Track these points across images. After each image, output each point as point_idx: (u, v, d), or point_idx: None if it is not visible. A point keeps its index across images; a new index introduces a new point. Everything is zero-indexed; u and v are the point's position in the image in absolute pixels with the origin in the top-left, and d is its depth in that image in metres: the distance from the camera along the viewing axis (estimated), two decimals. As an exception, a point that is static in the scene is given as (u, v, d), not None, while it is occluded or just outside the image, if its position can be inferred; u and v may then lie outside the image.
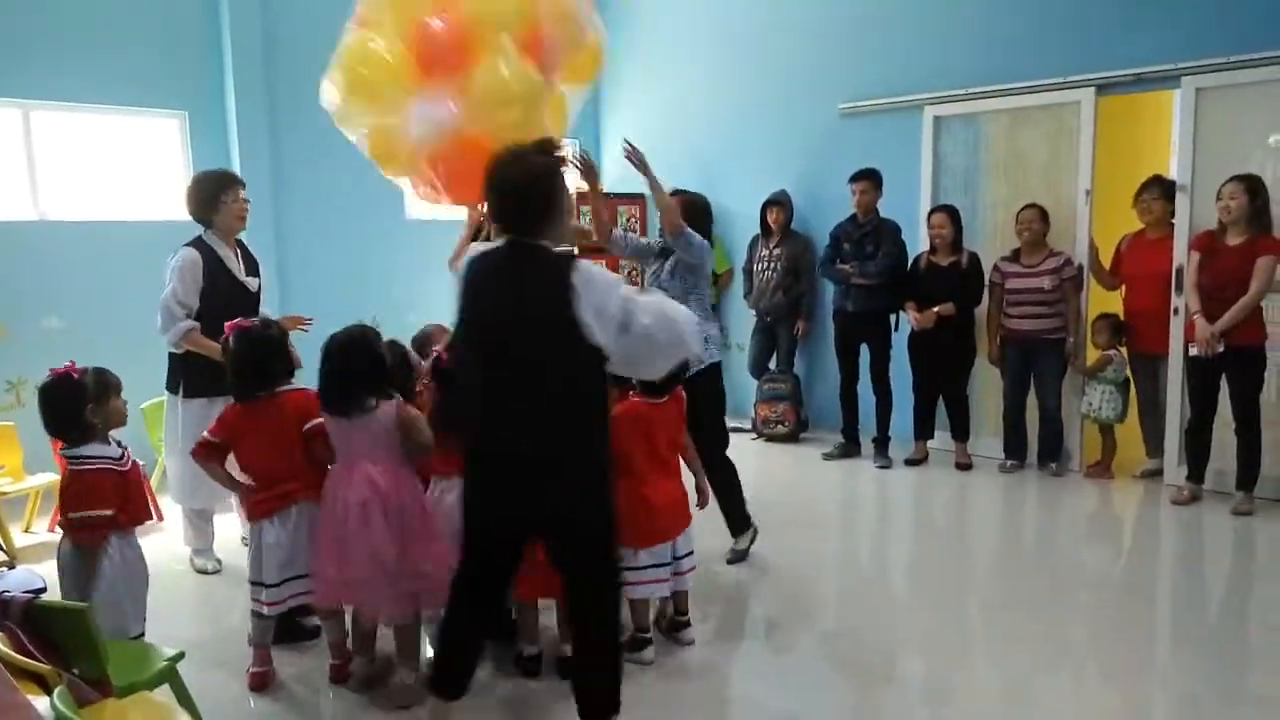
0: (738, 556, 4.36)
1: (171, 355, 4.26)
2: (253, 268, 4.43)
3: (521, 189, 2.57)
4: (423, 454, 3.17)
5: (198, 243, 4.22)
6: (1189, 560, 4.67)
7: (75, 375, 2.93)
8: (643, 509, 3.24)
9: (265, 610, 3.20)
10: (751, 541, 4.42)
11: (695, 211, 4.33)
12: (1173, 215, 5.38)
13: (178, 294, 4.08)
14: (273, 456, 3.19)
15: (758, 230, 6.97)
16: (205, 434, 3.25)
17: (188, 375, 4.19)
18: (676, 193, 4.29)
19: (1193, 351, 4.94)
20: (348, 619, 3.34)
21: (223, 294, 4.16)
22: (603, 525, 2.67)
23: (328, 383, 3.09)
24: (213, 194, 4.23)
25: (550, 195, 2.59)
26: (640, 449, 3.30)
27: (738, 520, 4.37)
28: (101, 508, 2.85)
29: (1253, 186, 4.74)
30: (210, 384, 3.95)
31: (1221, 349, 4.80)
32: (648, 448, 3.33)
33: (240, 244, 4.40)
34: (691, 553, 3.53)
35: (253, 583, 3.23)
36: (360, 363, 3.08)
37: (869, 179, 6.03)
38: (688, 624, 3.58)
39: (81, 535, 2.86)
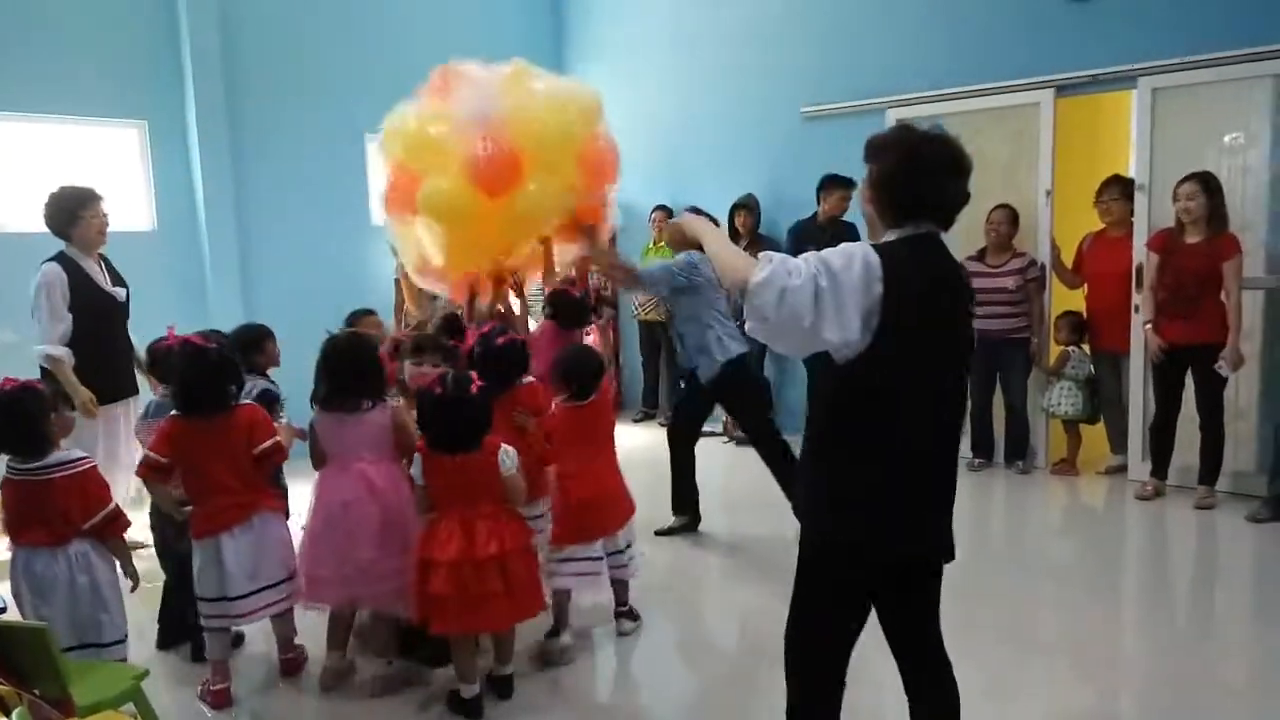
0: None
1: (41, 369, 4.21)
2: (118, 279, 4.51)
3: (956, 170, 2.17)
4: (408, 455, 3.25)
5: (59, 258, 4.26)
6: (1154, 554, 4.74)
7: (37, 387, 2.92)
8: (567, 510, 3.44)
9: (236, 624, 3.21)
10: None
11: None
12: (1132, 214, 5.47)
13: (51, 312, 4.15)
14: (223, 471, 3.11)
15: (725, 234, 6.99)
16: (150, 453, 3.11)
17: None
18: (660, 208, 4.52)
19: (1225, 370, 4.87)
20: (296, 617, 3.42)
21: (92, 306, 4.27)
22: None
23: (326, 383, 3.22)
24: (72, 210, 4.27)
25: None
26: (571, 452, 3.45)
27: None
28: (109, 500, 2.92)
29: (1209, 185, 4.83)
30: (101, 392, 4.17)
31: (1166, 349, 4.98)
32: (577, 450, 3.49)
33: (103, 257, 4.48)
34: (630, 544, 3.69)
35: (208, 599, 3.14)
36: (356, 366, 3.21)
37: (851, 187, 6.03)
38: (629, 614, 3.74)
39: (113, 528, 2.93)
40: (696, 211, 4.13)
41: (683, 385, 4.93)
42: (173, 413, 3.18)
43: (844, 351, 2.01)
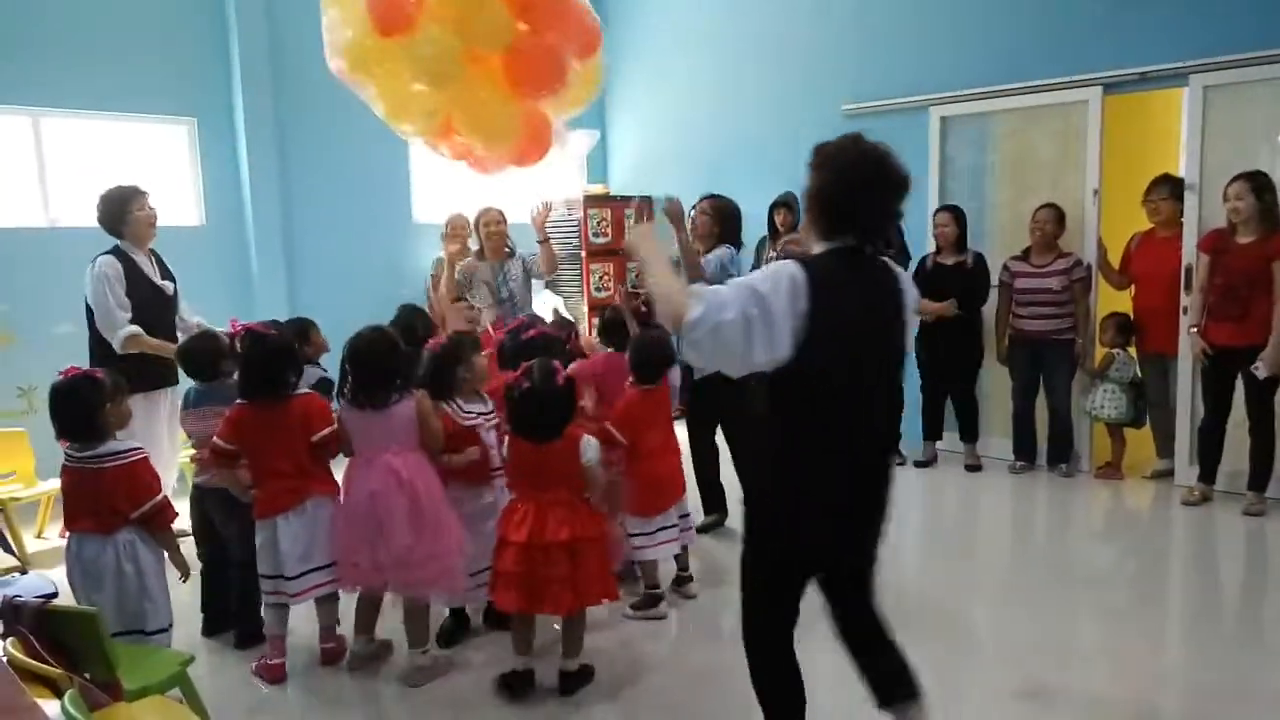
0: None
1: (91, 358, 4.35)
2: (167, 273, 4.68)
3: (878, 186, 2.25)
4: (434, 447, 3.34)
5: (115, 251, 4.44)
6: (1200, 561, 4.65)
7: (97, 376, 3.00)
8: (652, 483, 3.76)
9: (289, 601, 3.31)
10: None
11: (726, 215, 4.64)
12: (1182, 214, 5.36)
13: (112, 299, 4.32)
14: (279, 457, 3.25)
15: (765, 232, 6.96)
16: (217, 439, 3.27)
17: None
18: (708, 198, 4.53)
19: (1261, 372, 4.73)
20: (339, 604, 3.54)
21: (143, 297, 4.44)
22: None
23: (353, 380, 3.28)
24: (120, 207, 4.45)
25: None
26: (644, 432, 3.72)
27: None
28: (158, 491, 3.01)
29: (1259, 184, 4.72)
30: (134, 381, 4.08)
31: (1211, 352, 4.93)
32: (649, 430, 3.79)
33: (153, 252, 4.64)
34: (688, 514, 4.03)
35: (267, 576, 3.29)
36: (382, 361, 3.26)
37: None
38: (690, 578, 4.07)
39: (160, 519, 3.00)
40: (672, 209, 4.15)
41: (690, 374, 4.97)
42: (238, 400, 3.30)
43: (774, 364, 2.11)
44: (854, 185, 2.20)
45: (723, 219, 4.64)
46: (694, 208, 4.71)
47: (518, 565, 3.03)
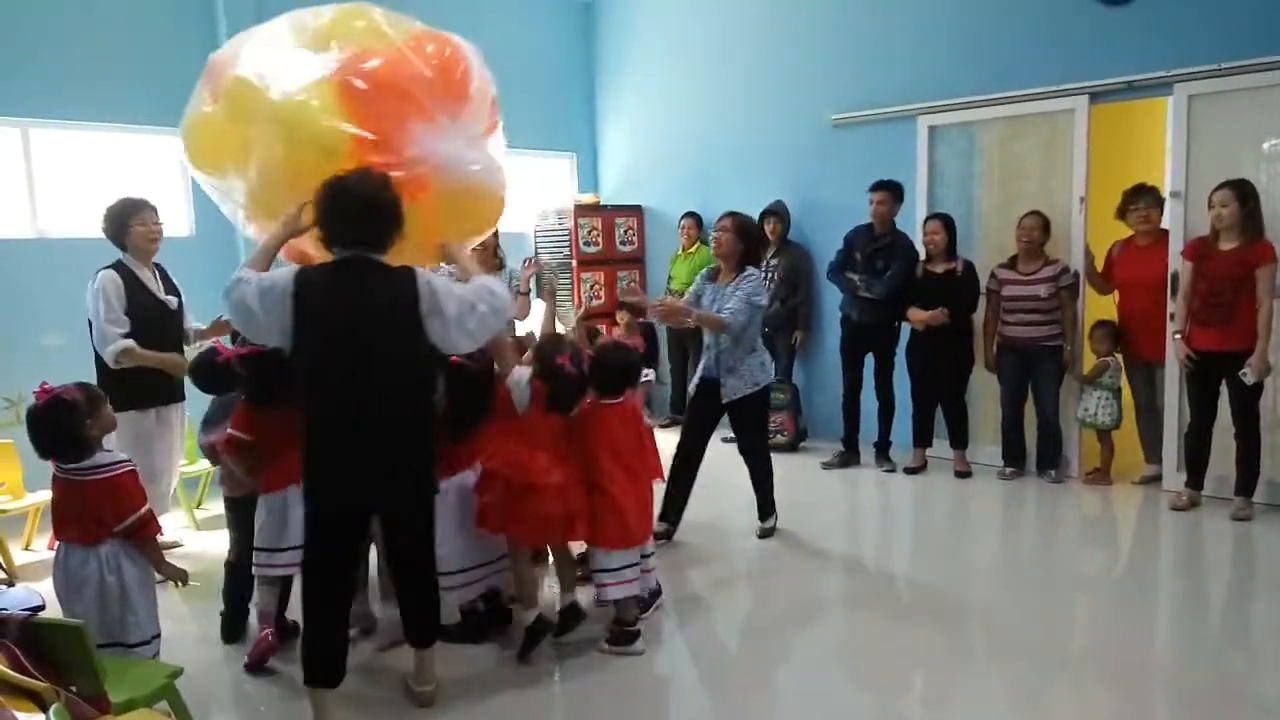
0: (766, 533, 4.92)
1: (99, 373, 4.34)
2: (171, 288, 4.67)
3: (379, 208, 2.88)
4: None
5: (116, 265, 4.41)
6: (1189, 566, 4.67)
7: (67, 397, 2.94)
8: (611, 512, 3.46)
9: (284, 573, 3.44)
10: (774, 524, 4.97)
11: (748, 233, 4.70)
12: (1158, 222, 5.43)
13: (108, 314, 4.29)
14: (285, 444, 3.23)
15: (754, 241, 6.98)
16: (234, 432, 3.44)
17: (111, 392, 4.20)
18: (729, 215, 4.64)
19: (1250, 377, 4.78)
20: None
21: (145, 311, 4.41)
22: (427, 500, 3.10)
23: None
24: (123, 219, 4.42)
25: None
26: (605, 451, 3.52)
27: (767, 505, 4.97)
28: (142, 504, 3.00)
29: (1243, 192, 4.76)
30: (132, 399, 4.26)
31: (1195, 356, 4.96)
32: (612, 450, 3.53)
33: (158, 266, 4.62)
34: (652, 553, 3.86)
35: (264, 550, 3.40)
36: None
37: (888, 190, 5.99)
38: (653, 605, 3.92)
39: (144, 532, 3.00)
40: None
41: (692, 392, 4.92)
42: (243, 398, 3.46)
43: (285, 345, 2.82)
44: (339, 209, 2.79)
45: (746, 236, 4.65)
46: (715, 226, 4.77)
47: (559, 503, 3.37)
